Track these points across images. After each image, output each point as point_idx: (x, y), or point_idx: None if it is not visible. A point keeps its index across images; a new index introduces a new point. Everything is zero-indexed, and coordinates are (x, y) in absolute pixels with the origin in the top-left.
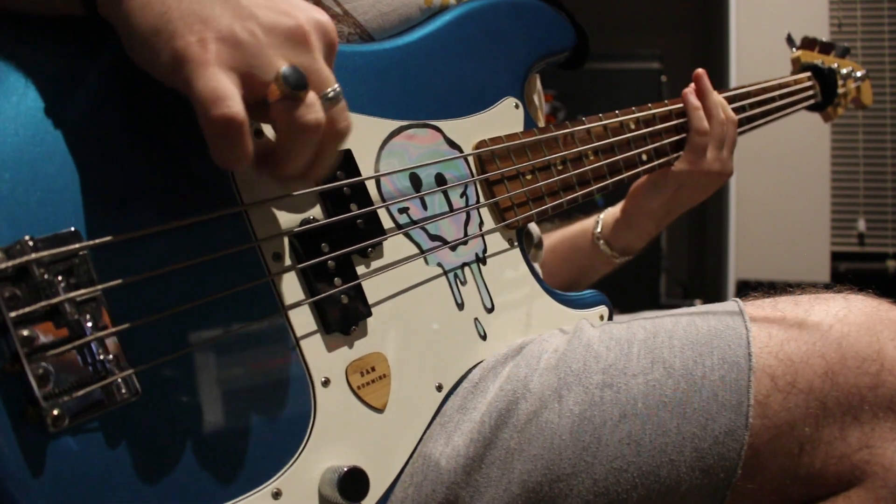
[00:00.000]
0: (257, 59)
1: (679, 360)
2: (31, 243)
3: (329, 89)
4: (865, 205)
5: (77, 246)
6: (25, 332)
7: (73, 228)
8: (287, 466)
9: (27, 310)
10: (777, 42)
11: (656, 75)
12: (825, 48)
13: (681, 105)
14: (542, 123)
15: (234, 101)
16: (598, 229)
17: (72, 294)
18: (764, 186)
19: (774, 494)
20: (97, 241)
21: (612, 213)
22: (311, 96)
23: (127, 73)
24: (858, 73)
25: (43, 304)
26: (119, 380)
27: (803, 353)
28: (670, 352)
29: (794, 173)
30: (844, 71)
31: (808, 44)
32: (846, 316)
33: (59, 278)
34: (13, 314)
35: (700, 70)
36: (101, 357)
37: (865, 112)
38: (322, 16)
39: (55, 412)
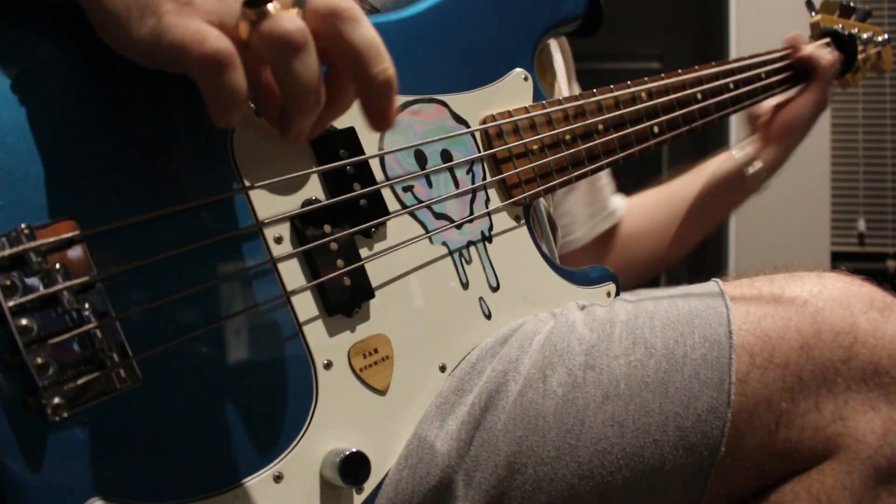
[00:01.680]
0: (225, 8)
1: (660, 339)
2: (27, 231)
3: None
4: (865, 205)
5: (74, 234)
6: (24, 322)
7: (72, 216)
8: (288, 450)
9: (25, 299)
10: (777, 43)
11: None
12: (846, 11)
13: (694, 76)
14: (564, 89)
15: (217, 37)
16: (751, 170)
17: (69, 283)
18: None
19: (753, 471)
20: (95, 228)
21: (768, 160)
22: (277, 8)
23: (119, 56)
24: (880, 38)
25: (41, 293)
26: (119, 367)
27: (780, 329)
28: (651, 332)
29: (794, 173)
30: (865, 36)
31: (828, 7)
32: (820, 292)
33: (58, 266)
34: (11, 303)
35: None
36: (101, 345)
37: (865, 112)
38: None
39: (55, 401)
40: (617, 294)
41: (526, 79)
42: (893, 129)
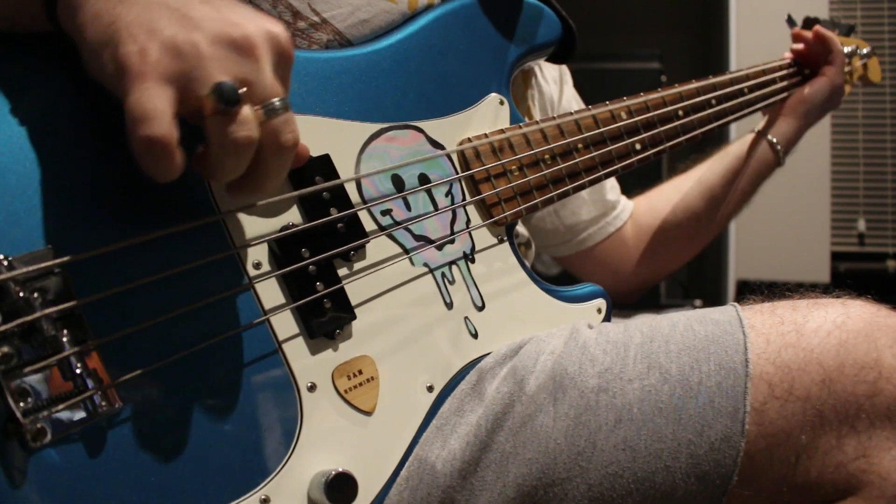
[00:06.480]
0: (196, 72)
1: (675, 365)
2: (5, 262)
3: (273, 101)
4: (865, 205)
5: (53, 262)
6: (4, 349)
7: (49, 246)
8: (275, 473)
9: (3, 328)
10: (777, 42)
11: (656, 75)
12: (828, 27)
13: (674, 92)
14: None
15: (160, 122)
16: (780, 148)
17: (48, 310)
18: (764, 186)
19: (770, 502)
20: (73, 256)
21: (783, 132)
22: (245, 113)
23: (96, 87)
24: (864, 51)
25: (19, 321)
26: (99, 393)
27: (801, 360)
28: (667, 357)
29: (794, 173)
30: (848, 49)
31: (810, 24)
32: (844, 322)
33: (36, 295)
34: None
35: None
36: (80, 371)
37: (865, 112)
38: (275, 27)
39: (36, 427)
40: (608, 310)
41: (502, 103)
42: (893, 129)
